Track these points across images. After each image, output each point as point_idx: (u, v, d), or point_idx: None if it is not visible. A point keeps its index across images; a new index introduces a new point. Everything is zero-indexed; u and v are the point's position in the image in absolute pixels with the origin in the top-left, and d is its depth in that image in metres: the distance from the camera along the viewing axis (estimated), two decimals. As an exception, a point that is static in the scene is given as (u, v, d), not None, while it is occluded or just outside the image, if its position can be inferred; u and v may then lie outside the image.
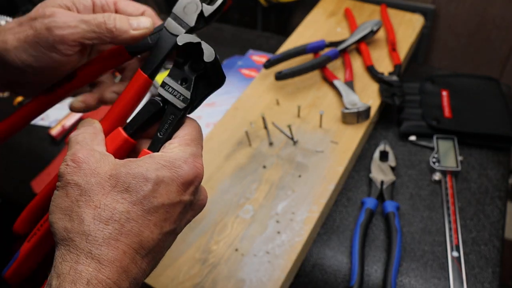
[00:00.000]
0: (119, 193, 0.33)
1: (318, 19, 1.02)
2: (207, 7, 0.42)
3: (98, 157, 0.35)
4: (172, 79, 0.40)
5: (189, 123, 0.40)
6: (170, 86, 0.40)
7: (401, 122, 0.82)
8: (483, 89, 0.86)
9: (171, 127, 0.39)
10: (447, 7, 1.28)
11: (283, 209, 0.68)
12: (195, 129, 0.40)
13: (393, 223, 0.67)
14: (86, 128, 0.39)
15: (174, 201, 0.35)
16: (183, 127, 0.40)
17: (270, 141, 0.77)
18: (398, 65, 0.87)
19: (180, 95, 0.39)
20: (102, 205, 0.33)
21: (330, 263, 0.67)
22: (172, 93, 0.39)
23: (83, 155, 0.35)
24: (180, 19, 0.42)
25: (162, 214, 0.34)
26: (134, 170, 0.34)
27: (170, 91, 0.40)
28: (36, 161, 0.86)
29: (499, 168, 0.77)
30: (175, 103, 0.39)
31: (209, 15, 0.43)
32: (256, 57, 1.01)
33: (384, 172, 0.75)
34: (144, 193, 0.33)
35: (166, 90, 0.40)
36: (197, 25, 0.42)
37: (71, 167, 0.34)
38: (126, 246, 0.32)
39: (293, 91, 0.86)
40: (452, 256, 0.65)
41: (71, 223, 0.32)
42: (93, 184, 0.33)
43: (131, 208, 0.33)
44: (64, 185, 0.34)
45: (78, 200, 0.33)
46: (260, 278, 0.61)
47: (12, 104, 0.96)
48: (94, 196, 0.33)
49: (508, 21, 1.24)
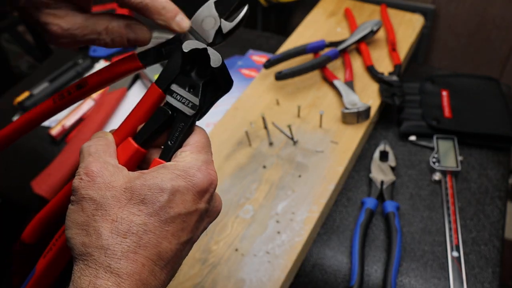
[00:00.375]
0: (135, 205, 0.33)
1: (318, 19, 1.02)
2: (225, 24, 0.42)
3: (112, 170, 0.35)
4: (179, 86, 0.39)
5: (199, 131, 0.40)
6: (177, 93, 0.39)
7: (401, 122, 0.82)
8: (483, 89, 0.86)
9: (182, 135, 0.39)
10: (447, 7, 1.28)
11: (283, 209, 0.68)
12: (204, 137, 0.40)
13: (393, 223, 0.67)
14: (98, 139, 0.39)
15: (190, 210, 0.35)
16: (193, 134, 0.40)
17: (270, 141, 0.77)
18: (398, 65, 0.87)
19: (189, 102, 0.39)
20: (119, 218, 0.32)
21: (330, 263, 0.67)
22: (180, 100, 0.39)
23: (96, 168, 0.35)
24: (197, 33, 0.41)
25: (179, 224, 0.34)
26: (149, 182, 0.34)
27: (178, 98, 0.39)
28: (36, 161, 0.86)
29: (499, 168, 0.77)
30: (184, 110, 0.39)
31: (228, 32, 0.42)
32: (256, 57, 1.01)
33: (384, 172, 0.75)
34: (161, 204, 0.33)
35: (174, 97, 0.39)
36: (214, 41, 0.42)
37: (85, 181, 0.34)
38: (144, 258, 0.32)
39: (293, 91, 0.86)
40: (452, 256, 0.65)
41: (88, 238, 0.32)
42: (109, 198, 0.33)
43: (148, 220, 0.33)
44: (79, 199, 0.34)
45: (94, 215, 0.33)
46: (260, 278, 0.61)
47: (12, 104, 0.96)
48: (111, 210, 0.33)
49: (508, 21, 1.24)
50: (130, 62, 0.43)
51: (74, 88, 0.43)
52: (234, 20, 0.42)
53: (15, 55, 1.81)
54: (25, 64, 1.82)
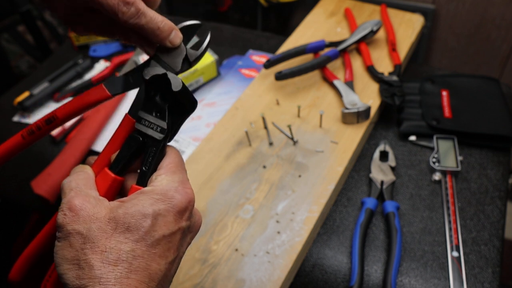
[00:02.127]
0: (121, 234, 0.34)
1: (318, 19, 1.02)
2: (191, 52, 0.43)
3: (94, 203, 0.36)
4: (146, 112, 0.40)
5: (170, 151, 0.42)
6: (145, 119, 0.40)
7: (401, 122, 0.82)
8: (483, 89, 0.86)
9: (154, 159, 0.40)
10: (447, 7, 1.28)
11: (283, 209, 0.68)
12: (177, 156, 0.42)
13: (393, 223, 0.67)
14: (78, 174, 0.40)
15: (173, 230, 0.37)
16: (166, 156, 0.41)
17: (270, 141, 0.77)
18: (398, 65, 0.87)
19: (157, 127, 0.40)
20: (108, 248, 0.34)
21: (330, 263, 0.67)
22: (149, 126, 0.40)
23: (78, 202, 0.36)
24: (164, 62, 0.43)
25: (164, 245, 0.36)
26: (131, 210, 0.35)
27: (146, 124, 0.40)
28: (36, 161, 0.86)
29: (499, 168, 0.77)
30: (153, 135, 0.40)
31: (194, 59, 0.43)
32: (256, 57, 1.01)
33: (384, 172, 0.75)
34: (145, 229, 0.35)
35: (143, 124, 0.40)
36: (182, 69, 0.43)
37: (69, 217, 0.35)
38: (137, 282, 0.33)
39: (293, 91, 0.86)
40: (452, 256, 0.66)
41: (81, 271, 0.33)
42: (95, 230, 0.34)
43: (135, 246, 0.34)
44: (66, 235, 0.34)
45: (83, 249, 0.34)
46: (260, 278, 0.61)
47: (12, 104, 0.96)
48: (98, 241, 0.34)
49: (508, 21, 1.24)
50: (98, 92, 0.43)
51: (43, 123, 0.44)
52: (200, 48, 0.43)
53: (15, 55, 1.81)
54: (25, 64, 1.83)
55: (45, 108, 0.96)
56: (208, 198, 0.70)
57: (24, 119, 0.94)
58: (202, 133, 0.84)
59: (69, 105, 0.44)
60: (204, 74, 0.94)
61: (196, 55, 0.43)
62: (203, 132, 0.84)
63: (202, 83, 0.95)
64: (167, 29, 0.42)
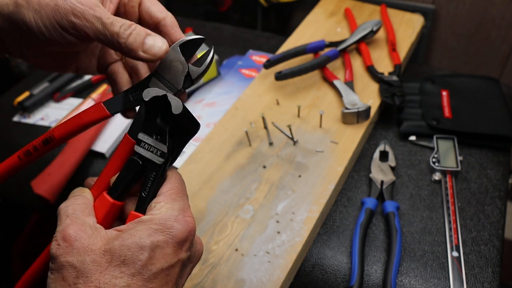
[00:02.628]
0: (116, 267, 0.33)
1: (318, 19, 1.02)
2: (194, 69, 0.41)
3: (89, 232, 0.34)
4: (146, 135, 0.39)
5: (171, 175, 0.40)
6: (145, 142, 0.39)
7: (401, 122, 0.82)
8: (483, 89, 0.86)
9: (154, 185, 0.38)
10: (447, 7, 1.28)
11: (283, 209, 0.68)
12: (178, 181, 0.40)
13: (393, 223, 0.67)
14: (76, 198, 0.38)
15: (172, 262, 0.35)
16: (166, 182, 0.39)
17: (270, 141, 0.77)
18: (398, 65, 0.87)
19: (157, 150, 0.38)
20: (102, 283, 0.32)
21: (330, 263, 0.67)
22: (149, 149, 0.38)
23: (74, 231, 0.34)
24: (165, 79, 0.41)
25: (162, 278, 0.34)
26: (127, 241, 0.33)
27: (146, 147, 0.39)
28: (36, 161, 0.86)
29: (499, 168, 0.77)
30: (153, 159, 0.38)
31: (196, 77, 0.41)
32: (256, 57, 1.01)
33: (384, 172, 0.75)
34: (142, 263, 0.33)
35: (142, 147, 0.39)
36: (184, 87, 0.41)
37: (63, 247, 0.33)
38: None
39: (293, 91, 0.86)
40: (452, 256, 0.66)
41: None
42: (89, 263, 0.33)
43: (131, 281, 0.33)
44: (59, 267, 0.33)
45: (76, 283, 0.32)
46: (260, 278, 0.61)
47: (12, 104, 0.96)
48: (92, 276, 0.32)
49: (508, 21, 1.24)
50: (97, 111, 0.42)
51: (40, 144, 0.42)
52: (203, 65, 0.41)
53: (15, 55, 1.81)
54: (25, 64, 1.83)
55: (45, 108, 0.96)
56: (208, 198, 0.70)
57: (24, 119, 0.94)
58: (202, 133, 0.84)
59: (67, 125, 0.42)
60: (204, 74, 0.94)
61: (199, 72, 0.41)
62: (203, 132, 0.84)
63: (202, 83, 0.95)
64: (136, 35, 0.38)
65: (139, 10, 0.43)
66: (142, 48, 0.38)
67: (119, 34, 0.38)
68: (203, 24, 1.14)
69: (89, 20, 0.37)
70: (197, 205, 0.69)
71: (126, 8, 0.43)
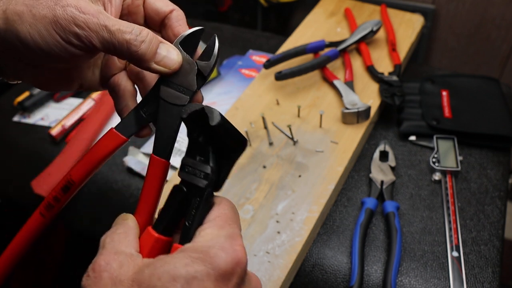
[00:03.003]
0: None
1: (318, 19, 1.02)
2: (203, 65, 0.37)
3: (122, 261, 0.31)
4: (189, 157, 0.35)
5: (219, 202, 0.35)
6: (189, 165, 0.35)
7: (401, 122, 0.82)
8: (483, 89, 0.86)
9: (199, 212, 0.34)
10: (447, 7, 1.28)
11: (283, 209, 0.68)
12: (228, 208, 0.35)
13: (393, 223, 0.67)
14: (117, 227, 0.35)
15: None
16: (214, 208, 0.35)
17: (270, 141, 0.77)
18: (398, 65, 0.87)
19: (200, 173, 0.34)
20: None
21: (330, 263, 0.67)
22: (192, 173, 0.35)
23: (104, 261, 0.31)
24: (176, 84, 0.37)
25: None
26: (159, 270, 0.29)
27: (190, 171, 0.35)
28: (36, 161, 0.86)
29: (499, 168, 0.77)
30: (196, 183, 0.34)
31: (209, 72, 0.38)
32: (256, 57, 1.01)
33: (384, 172, 0.75)
34: None
35: (186, 172, 0.35)
36: (198, 86, 0.37)
37: (91, 278, 0.31)
38: None
39: (293, 91, 0.86)
40: (452, 256, 0.65)
41: None
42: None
43: None
44: None
45: None
46: (260, 278, 0.61)
47: (13, 104, 0.96)
48: None
49: (508, 21, 1.24)
50: (111, 140, 0.38)
51: (60, 193, 0.39)
52: (212, 58, 0.38)
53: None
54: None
55: (45, 108, 0.96)
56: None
57: (24, 119, 0.94)
58: (202, 133, 0.84)
59: (84, 164, 0.38)
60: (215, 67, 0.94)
61: (210, 67, 0.38)
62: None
63: (202, 83, 0.95)
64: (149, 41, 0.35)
65: (144, 8, 0.40)
66: (155, 59, 0.36)
67: (130, 42, 0.35)
68: (203, 24, 1.13)
69: (93, 29, 0.34)
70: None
71: (130, 8, 0.40)
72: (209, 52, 0.38)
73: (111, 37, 0.34)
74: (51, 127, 0.89)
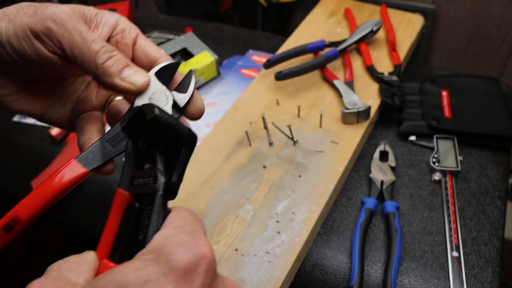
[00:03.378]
0: None
1: (318, 19, 1.02)
2: (179, 96, 0.36)
3: (61, 286, 0.27)
4: (137, 169, 0.32)
5: (176, 208, 0.31)
6: (137, 178, 0.32)
7: (401, 122, 0.82)
8: (483, 89, 0.86)
9: (152, 221, 0.29)
10: (447, 7, 1.28)
11: (283, 209, 0.68)
12: (187, 212, 0.30)
13: (393, 223, 0.67)
14: (72, 256, 0.31)
15: None
16: (170, 214, 0.30)
17: (270, 141, 0.77)
18: (398, 65, 0.87)
19: (149, 179, 0.31)
20: None
21: (330, 263, 0.67)
22: (141, 183, 0.31)
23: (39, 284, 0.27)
24: None
25: None
26: (102, 281, 0.24)
27: (139, 183, 0.31)
28: (36, 161, 0.86)
29: (499, 168, 0.77)
30: (146, 191, 0.31)
31: (185, 104, 0.36)
32: (256, 57, 1.01)
33: (384, 172, 0.75)
34: None
35: (135, 185, 0.32)
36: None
37: None
38: None
39: (293, 91, 0.86)
40: (452, 256, 0.66)
41: None
42: None
43: None
44: None
45: None
46: (260, 278, 0.61)
47: (12, 104, 0.95)
48: None
49: (508, 21, 1.24)
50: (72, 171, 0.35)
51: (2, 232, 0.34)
52: (188, 90, 0.36)
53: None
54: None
55: (45, 108, 0.95)
56: (208, 198, 0.70)
57: (24, 119, 0.94)
58: (202, 133, 0.84)
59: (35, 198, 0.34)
60: (204, 74, 0.94)
61: (187, 99, 0.36)
62: (203, 132, 0.84)
63: (202, 83, 0.95)
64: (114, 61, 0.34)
65: (133, 49, 0.39)
66: (119, 75, 0.34)
67: (98, 54, 0.34)
68: (203, 24, 1.14)
69: (68, 29, 0.33)
70: (197, 205, 0.69)
71: (119, 46, 0.39)
72: (185, 85, 0.37)
73: (82, 43, 0.33)
74: (51, 127, 0.89)
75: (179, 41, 0.97)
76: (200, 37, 1.01)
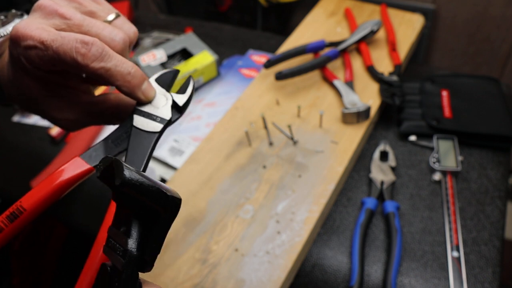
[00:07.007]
0: None
1: (318, 19, 1.02)
2: (178, 96, 0.38)
3: None
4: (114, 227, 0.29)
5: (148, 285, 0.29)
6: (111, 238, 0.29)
7: (401, 122, 0.82)
8: (483, 89, 0.86)
9: None
10: (447, 7, 1.28)
11: (283, 209, 0.68)
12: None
13: (393, 223, 0.67)
14: None
15: None
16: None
17: (270, 141, 0.77)
18: (398, 65, 0.87)
19: (119, 248, 0.27)
20: None
21: (330, 263, 0.67)
22: (113, 248, 0.28)
23: None
24: (151, 114, 0.37)
25: None
26: None
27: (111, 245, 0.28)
28: (36, 161, 0.86)
29: (499, 168, 0.77)
30: (115, 262, 0.28)
31: (184, 104, 0.38)
32: (256, 57, 1.01)
33: (384, 172, 0.75)
34: None
35: (108, 246, 0.29)
36: (173, 117, 0.38)
37: None
38: None
39: (293, 91, 0.86)
40: (452, 256, 0.65)
41: None
42: None
43: None
44: None
45: None
46: (260, 278, 0.61)
47: (12, 104, 0.95)
48: None
49: (508, 21, 1.24)
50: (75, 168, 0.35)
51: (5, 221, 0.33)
52: (186, 92, 0.39)
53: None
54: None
55: (45, 108, 0.95)
56: (208, 198, 0.70)
57: (24, 119, 0.94)
58: (202, 133, 0.84)
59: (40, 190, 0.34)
60: (204, 74, 0.94)
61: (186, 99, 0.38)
62: (203, 132, 0.84)
63: (202, 83, 0.95)
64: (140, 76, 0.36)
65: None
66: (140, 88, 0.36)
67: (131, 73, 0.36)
68: (203, 24, 1.14)
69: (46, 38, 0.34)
70: (197, 205, 0.69)
71: None
72: (184, 88, 0.40)
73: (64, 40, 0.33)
74: (51, 127, 0.89)
75: (179, 41, 0.97)
76: (200, 37, 1.01)
